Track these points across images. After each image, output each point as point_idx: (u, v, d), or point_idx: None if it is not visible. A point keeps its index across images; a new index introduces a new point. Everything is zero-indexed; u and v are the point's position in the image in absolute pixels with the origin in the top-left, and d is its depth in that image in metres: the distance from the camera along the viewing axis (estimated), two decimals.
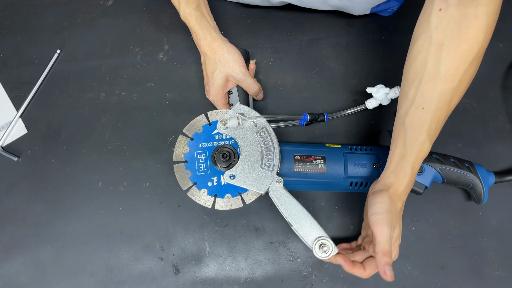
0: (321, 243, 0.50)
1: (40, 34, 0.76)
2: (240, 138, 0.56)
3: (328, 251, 0.50)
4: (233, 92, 0.65)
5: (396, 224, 0.50)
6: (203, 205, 0.57)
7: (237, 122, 0.56)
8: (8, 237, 0.66)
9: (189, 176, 0.57)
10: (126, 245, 0.65)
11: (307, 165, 0.59)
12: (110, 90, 0.72)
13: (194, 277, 0.63)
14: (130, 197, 0.66)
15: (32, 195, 0.67)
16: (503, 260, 0.62)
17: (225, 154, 0.57)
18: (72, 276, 0.64)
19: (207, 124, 0.59)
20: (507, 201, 0.64)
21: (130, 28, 0.75)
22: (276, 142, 0.56)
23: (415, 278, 0.62)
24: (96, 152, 0.69)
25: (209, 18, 0.64)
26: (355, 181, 0.60)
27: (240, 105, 0.58)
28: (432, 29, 0.46)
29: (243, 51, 0.67)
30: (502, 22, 0.66)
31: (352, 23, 0.74)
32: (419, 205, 0.64)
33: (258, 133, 0.57)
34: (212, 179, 0.57)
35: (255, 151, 0.56)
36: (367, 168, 0.59)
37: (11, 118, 0.71)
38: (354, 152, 0.61)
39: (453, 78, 0.45)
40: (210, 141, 0.58)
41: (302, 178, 0.59)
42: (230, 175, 0.55)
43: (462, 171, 0.59)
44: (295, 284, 0.62)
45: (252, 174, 0.55)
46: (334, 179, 0.59)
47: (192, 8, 0.62)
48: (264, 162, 0.56)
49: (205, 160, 0.58)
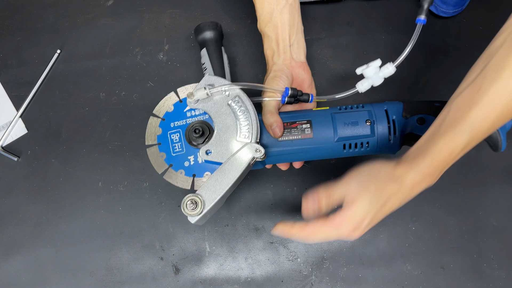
0: (196, 200, 0.48)
1: (40, 34, 0.76)
2: (213, 110, 0.53)
3: (193, 210, 0.48)
4: (207, 67, 0.62)
5: (371, 198, 0.43)
6: (181, 187, 0.54)
7: (205, 93, 0.52)
8: (8, 237, 0.66)
9: (164, 158, 0.54)
10: (126, 245, 0.65)
11: (292, 132, 0.54)
12: (110, 90, 0.72)
13: (194, 277, 0.63)
14: (130, 197, 0.67)
15: (32, 195, 0.67)
16: (503, 260, 0.62)
17: (197, 129, 0.53)
18: (72, 276, 0.64)
19: (178, 102, 0.56)
20: (507, 201, 0.64)
21: (130, 28, 0.75)
22: (252, 109, 0.52)
23: (415, 278, 0.62)
24: (96, 152, 0.69)
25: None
26: (348, 143, 0.54)
27: (209, 76, 0.54)
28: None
29: (214, 23, 0.64)
30: (502, 22, 0.67)
31: (352, 23, 0.74)
32: (419, 205, 0.64)
33: (231, 102, 0.53)
34: (188, 158, 0.54)
35: (229, 122, 0.52)
36: (359, 126, 0.54)
37: (11, 118, 0.71)
38: (343, 111, 0.55)
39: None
40: (183, 119, 0.55)
41: (288, 147, 0.54)
42: (206, 151, 0.51)
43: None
44: (295, 284, 0.62)
45: (229, 146, 0.51)
46: (323, 143, 0.54)
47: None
48: (241, 133, 0.52)
49: (179, 140, 0.55)
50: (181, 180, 0.54)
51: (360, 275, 0.62)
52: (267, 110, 0.54)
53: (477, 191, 0.64)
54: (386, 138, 0.55)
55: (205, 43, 0.64)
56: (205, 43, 0.64)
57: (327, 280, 0.62)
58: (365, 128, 0.54)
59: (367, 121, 0.54)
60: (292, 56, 0.59)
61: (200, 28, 0.64)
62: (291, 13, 0.59)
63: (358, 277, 0.62)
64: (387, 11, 0.74)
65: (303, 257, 0.63)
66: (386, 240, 0.63)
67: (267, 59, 0.61)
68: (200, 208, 0.48)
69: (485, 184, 0.65)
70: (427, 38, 0.54)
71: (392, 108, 0.56)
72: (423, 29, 0.52)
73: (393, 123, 0.55)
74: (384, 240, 0.63)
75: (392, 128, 0.55)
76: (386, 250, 0.63)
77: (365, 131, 0.54)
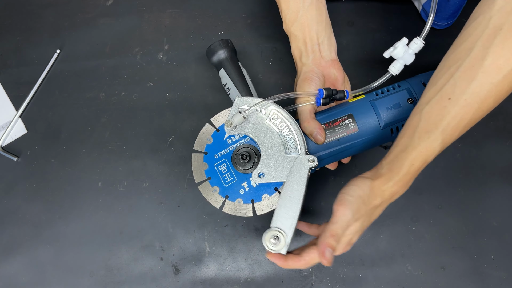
0: (277, 235, 0.45)
1: (40, 34, 0.76)
2: (253, 132, 0.51)
3: (277, 245, 0.45)
4: (230, 87, 0.61)
5: (362, 218, 0.44)
6: (245, 215, 0.52)
7: (241, 117, 0.50)
8: (8, 237, 0.66)
9: (217, 192, 0.53)
10: (126, 245, 0.65)
11: (336, 131, 0.52)
12: (110, 90, 0.72)
13: (194, 277, 0.63)
14: (130, 197, 0.66)
15: (32, 195, 0.67)
16: (503, 260, 0.62)
17: (243, 155, 0.52)
18: (72, 276, 0.64)
19: (215, 132, 0.54)
20: (507, 201, 0.64)
21: (130, 28, 0.75)
22: (291, 120, 0.51)
23: (415, 278, 0.62)
24: (96, 152, 0.69)
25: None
26: (395, 126, 0.53)
27: (239, 99, 0.52)
28: (494, 10, 0.39)
29: (225, 41, 0.62)
30: None
31: (352, 23, 0.74)
32: (419, 205, 0.64)
33: (269, 119, 0.51)
34: (242, 185, 0.53)
35: (273, 139, 0.50)
36: (402, 108, 0.52)
37: (11, 118, 0.71)
38: (381, 96, 0.53)
39: (498, 72, 0.38)
40: (226, 147, 0.54)
41: (336, 146, 0.52)
42: (259, 174, 0.50)
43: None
44: (295, 284, 0.62)
45: (280, 164, 0.49)
46: (371, 134, 0.52)
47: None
48: (288, 147, 0.50)
49: (227, 169, 0.53)
50: (242, 210, 0.53)
51: (360, 275, 0.62)
52: (303, 118, 0.52)
53: (477, 191, 0.64)
54: None
55: (222, 64, 0.62)
56: (221, 63, 0.62)
57: (327, 280, 0.62)
58: (409, 107, 0.52)
59: (409, 99, 0.52)
60: (321, 55, 0.56)
61: (212, 49, 0.62)
62: (318, 9, 0.56)
63: (358, 277, 0.62)
64: (387, 11, 0.74)
65: None
66: (386, 240, 0.63)
67: (295, 60, 0.59)
68: (284, 240, 0.45)
69: (485, 184, 0.65)
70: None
71: (429, 79, 0.53)
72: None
73: None
74: (384, 240, 0.63)
75: None
76: (386, 250, 0.63)
77: (410, 110, 0.51)
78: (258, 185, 0.53)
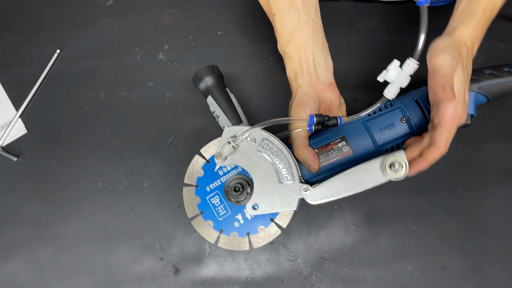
0: (392, 162, 0.44)
1: (40, 34, 0.76)
2: (244, 162, 0.49)
3: (399, 170, 0.44)
4: (219, 115, 0.58)
5: (461, 64, 0.43)
6: (241, 249, 0.51)
7: (231, 148, 0.49)
8: (8, 237, 0.66)
9: (211, 226, 0.51)
10: (126, 245, 0.65)
11: (329, 155, 0.51)
12: (110, 90, 0.72)
13: (194, 277, 0.63)
14: (130, 197, 0.66)
15: (32, 195, 0.67)
16: (504, 260, 0.62)
17: (236, 187, 0.50)
18: (72, 276, 0.64)
19: (205, 164, 0.53)
20: (507, 201, 0.64)
21: (130, 28, 0.75)
22: (283, 148, 0.49)
23: (415, 278, 0.62)
24: (96, 152, 0.69)
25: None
26: (390, 146, 0.52)
27: (228, 128, 0.50)
28: None
29: (211, 67, 0.60)
30: (502, 22, 0.67)
31: (352, 23, 0.74)
32: (419, 205, 0.64)
33: (260, 147, 0.49)
34: (236, 218, 0.51)
35: (266, 169, 0.49)
36: (395, 128, 0.51)
37: (11, 118, 0.71)
38: (374, 116, 0.52)
39: None
40: (217, 179, 0.52)
41: (330, 171, 0.51)
42: (253, 206, 0.48)
43: (504, 79, 0.51)
44: (295, 284, 0.62)
45: (274, 194, 0.48)
46: (366, 156, 0.51)
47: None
48: (282, 176, 0.48)
49: (220, 202, 0.52)
50: (238, 243, 0.51)
51: (360, 275, 0.62)
52: (296, 145, 0.51)
53: (477, 191, 0.64)
54: (425, 128, 0.52)
55: (209, 91, 0.60)
56: (208, 90, 0.60)
57: (327, 280, 0.62)
58: (402, 127, 0.52)
59: (402, 119, 0.52)
60: (318, 77, 0.54)
61: (198, 76, 0.60)
62: (314, 29, 0.55)
63: (358, 277, 0.62)
64: (387, 11, 0.74)
65: (303, 257, 0.63)
66: (386, 240, 0.63)
67: (290, 81, 0.57)
68: (401, 163, 0.44)
69: (485, 184, 0.65)
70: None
71: (421, 96, 0.53)
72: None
73: (427, 111, 0.52)
74: (384, 240, 0.63)
75: (428, 116, 0.52)
76: (386, 250, 0.63)
77: (404, 130, 0.51)
78: (253, 217, 0.51)
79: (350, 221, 0.64)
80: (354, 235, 0.64)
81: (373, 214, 0.64)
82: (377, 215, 0.64)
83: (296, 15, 0.54)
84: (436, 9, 0.71)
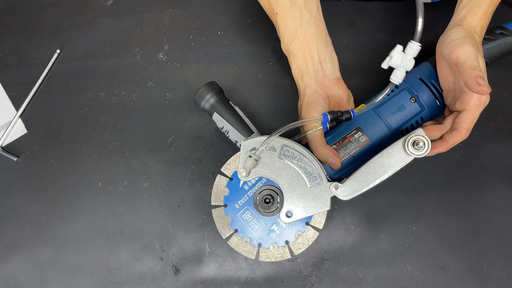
0: (414, 140, 0.45)
1: (40, 34, 0.76)
2: (269, 172, 0.49)
3: (422, 148, 0.45)
4: (228, 130, 0.58)
5: (479, 52, 0.44)
6: (284, 258, 0.51)
7: (253, 161, 0.48)
8: (8, 237, 0.66)
9: (249, 242, 0.51)
10: (126, 245, 0.65)
11: (348, 148, 0.51)
12: (110, 90, 0.72)
13: (194, 277, 0.63)
14: (130, 197, 0.66)
15: (32, 195, 0.67)
16: (504, 260, 0.62)
17: (266, 199, 0.50)
18: (72, 276, 0.64)
19: (229, 181, 0.53)
20: (507, 201, 0.64)
21: (130, 28, 0.75)
22: (305, 151, 0.49)
23: (415, 278, 0.62)
24: (96, 152, 0.69)
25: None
26: (404, 127, 0.53)
27: (245, 142, 0.50)
28: None
29: (210, 84, 0.60)
30: (502, 22, 0.67)
31: (352, 23, 0.74)
32: (419, 205, 0.64)
33: (281, 155, 0.49)
34: (272, 229, 0.51)
35: (292, 175, 0.48)
36: (406, 109, 0.52)
37: (11, 118, 0.71)
38: (383, 102, 0.53)
39: None
40: (244, 194, 0.52)
41: (352, 163, 0.52)
42: (286, 214, 0.48)
43: (499, 41, 0.53)
44: (295, 284, 0.62)
45: (306, 198, 0.48)
46: (383, 142, 0.52)
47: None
48: (309, 178, 0.48)
49: (252, 216, 0.52)
50: (279, 254, 0.51)
51: (360, 275, 0.62)
52: (314, 145, 0.51)
53: (477, 191, 0.64)
54: (435, 104, 0.54)
55: (213, 108, 0.59)
56: (213, 108, 0.59)
57: (327, 280, 0.62)
58: (413, 106, 0.52)
59: (411, 99, 0.52)
60: (324, 74, 0.54)
61: (200, 95, 0.59)
62: (317, 26, 0.55)
63: (358, 277, 0.62)
64: (387, 11, 0.74)
65: (303, 257, 0.63)
66: (386, 240, 0.63)
67: (297, 80, 0.57)
68: (425, 142, 0.46)
69: (485, 184, 0.65)
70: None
71: (424, 73, 0.54)
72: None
73: (434, 87, 0.54)
74: (384, 240, 0.63)
75: (435, 91, 0.53)
76: (386, 250, 0.63)
77: (415, 109, 0.52)
78: (288, 224, 0.51)
79: (350, 221, 0.64)
80: (354, 235, 0.64)
81: (373, 214, 0.64)
82: (377, 215, 0.64)
83: (299, 13, 0.54)
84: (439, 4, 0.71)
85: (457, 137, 0.49)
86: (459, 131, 0.48)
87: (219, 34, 0.74)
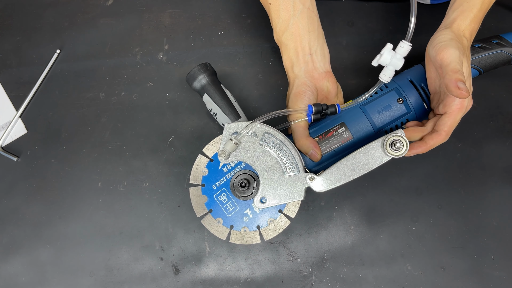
0: (393, 140, 0.46)
1: (40, 34, 0.76)
2: (247, 157, 0.50)
3: (400, 148, 0.46)
4: (216, 112, 0.59)
5: (465, 55, 0.45)
6: (253, 243, 0.52)
7: (233, 144, 0.49)
8: (8, 237, 0.66)
9: (221, 223, 0.52)
10: (126, 245, 0.65)
11: (330, 142, 0.52)
12: (110, 90, 0.72)
13: (194, 277, 0.63)
14: (130, 197, 0.66)
15: (32, 195, 0.67)
16: (504, 260, 0.62)
17: (242, 182, 0.51)
18: (72, 276, 0.64)
19: (209, 162, 0.53)
20: (507, 201, 0.64)
21: (130, 28, 0.75)
22: (285, 140, 0.50)
23: (415, 278, 0.62)
24: (96, 152, 0.69)
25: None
26: (389, 127, 0.53)
27: (228, 125, 0.51)
28: None
29: (204, 65, 0.61)
30: (502, 22, 0.67)
31: (352, 23, 0.74)
32: (419, 205, 0.64)
33: (262, 141, 0.50)
34: (245, 213, 0.52)
35: (270, 162, 0.49)
36: (392, 109, 0.53)
37: (11, 118, 0.71)
38: (370, 100, 0.53)
39: None
40: (222, 176, 0.53)
41: (333, 158, 0.52)
42: (260, 199, 0.49)
43: (494, 51, 0.53)
44: (295, 284, 0.62)
45: (281, 186, 0.49)
46: (366, 140, 0.52)
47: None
48: (286, 167, 0.49)
49: (228, 198, 0.53)
50: (249, 238, 0.52)
51: (360, 275, 0.62)
52: (297, 136, 0.52)
53: (477, 191, 0.64)
54: (422, 107, 0.54)
55: (204, 89, 0.60)
56: (203, 88, 0.60)
57: (327, 280, 0.62)
58: (399, 107, 0.53)
59: (399, 99, 0.53)
60: (314, 66, 0.55)
61: (192, 75, 0.60)
62: (309, 18, 0.55)
63: (358, 277, 0.62)
64: (387, 11, 0.74)
65: (303, 257, 0.63)
66: (386, 240, 0.63)
67: (287, 71, 0.57)
68: (403, 143, 0.46)
69: (485, 184, 0.65)
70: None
71: (415, 75, 0.54)
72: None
73: (422, 90, 0.54)
74: (384, 240, 0.63)
75: (424, 95, 0.53)
76: (386, 250, 0.63)
77: (401, 110, 0.53)
78: (262, 210, 0.52)
79: (350, 221, 0.64)
80: (354, 235, 0.64)
81: (373, 214, 0.64)
82: (377, 215, 0.64)
83: (291, 4, 0.54)
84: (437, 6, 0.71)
85: (437, 139, 0.49)
86: (439, 133, 0.49)
87: (219, 34, 0.74)
